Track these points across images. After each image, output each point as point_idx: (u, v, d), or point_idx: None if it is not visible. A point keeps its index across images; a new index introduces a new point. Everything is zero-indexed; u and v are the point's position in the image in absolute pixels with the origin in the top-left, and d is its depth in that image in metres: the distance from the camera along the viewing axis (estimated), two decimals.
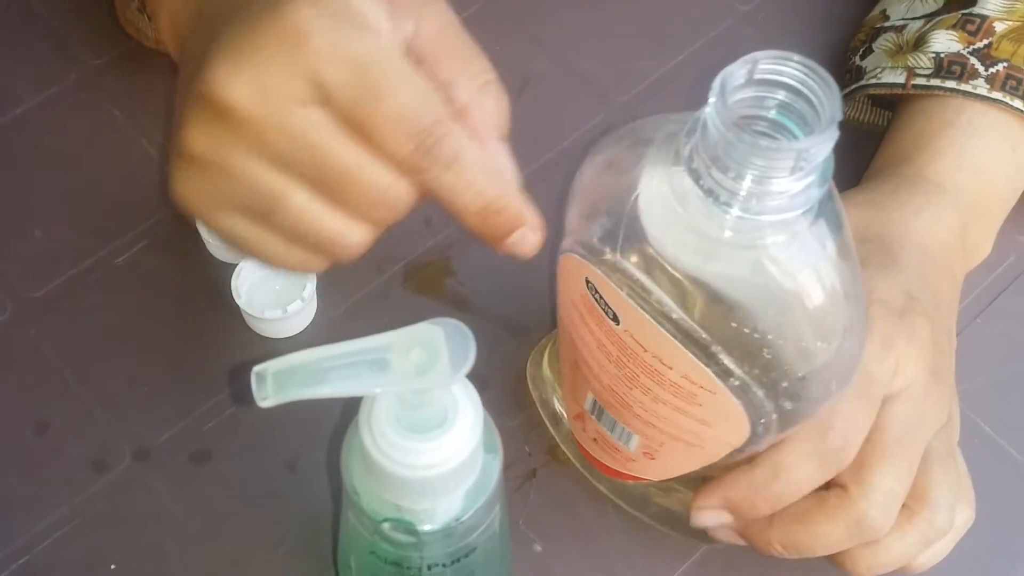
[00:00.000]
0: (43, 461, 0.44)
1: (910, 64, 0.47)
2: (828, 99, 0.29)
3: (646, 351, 0.34)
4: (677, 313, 0.33)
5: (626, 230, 0.34)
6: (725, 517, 0.39)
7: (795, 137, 0.30)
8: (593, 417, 0.40)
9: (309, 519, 0.43)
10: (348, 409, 0.33)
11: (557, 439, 0.45)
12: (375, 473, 0.32)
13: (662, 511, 0.43)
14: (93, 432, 0.44)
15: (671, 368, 0.34)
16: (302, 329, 0.47)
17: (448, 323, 0.30)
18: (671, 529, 0.43)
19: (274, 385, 0.29)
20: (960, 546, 0.40)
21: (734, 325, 0.33)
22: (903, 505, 0.38)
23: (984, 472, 0.41)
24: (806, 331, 0.33)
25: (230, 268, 0.46)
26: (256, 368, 0.29)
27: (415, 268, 0.48)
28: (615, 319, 0.35)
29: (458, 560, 0.35)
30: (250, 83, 0.31)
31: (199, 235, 0.47)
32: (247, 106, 0.31)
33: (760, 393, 0.34)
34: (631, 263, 0.33)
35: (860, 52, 0.50)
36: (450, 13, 0.35)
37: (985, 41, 0.46)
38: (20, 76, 0.52)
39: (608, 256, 0.34)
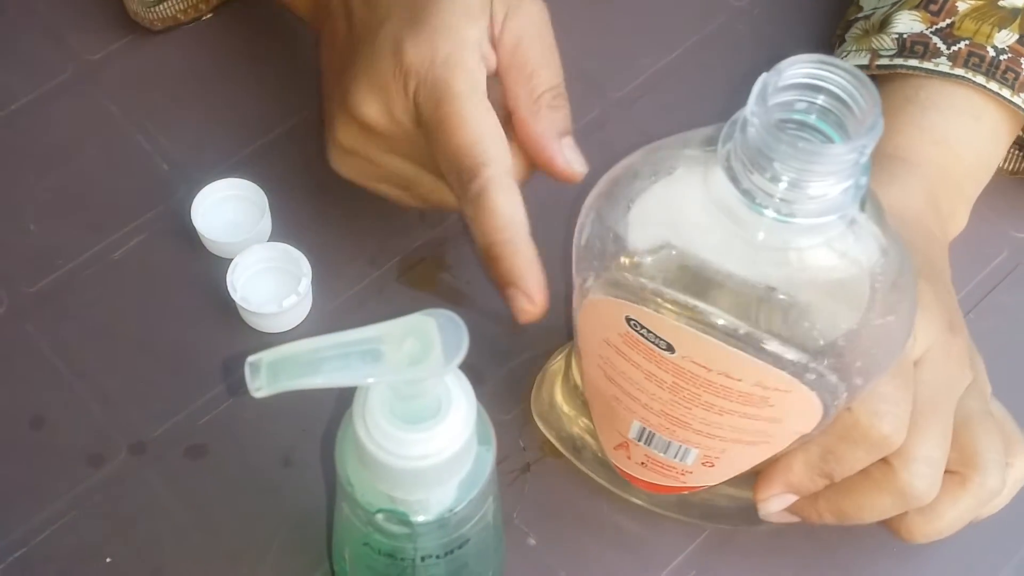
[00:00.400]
0: (39, 455, 0.44)
1: (874, 46, 0.47)
2: (868, 103, 0.29)
3: (711, 371, 0.34)
4: (745, 328, 0.33)
5: (669, 259, 0.33)
6: (791, 499, 0.39)
7: (829, 140, 0.30)
8: (641, 443, 0.39)
9: (304, 513, 0.43)
10: (341, 402, 0.33)
11: (581, 467, 0.44)
12: (369, 464, 0.32)
13: (705, 509, 0.43)
14: (89, 426, 0.44)
15: (740, 380, 0.34)
16: (297, 324, 0.47)
17: (441, 314, 0.30)
18: (717, 523, 0.43)
19: (268, 375, 0.29)
20: (950, 541, 0.41)
21: (806, 325, 0.33)
22: (954, 472, 0.38)
23: None
24: (877, 309, 0.33)
25: (225, 263, 0.46)
26: (250, 358, 0.29)
27: (410, 263, 0.49)
28: (668, 348, 0.34)
29: (451, 552, 0.35)
30: (378, 106, 0.40)
31: (195, 230, 0.47)
32: (378, 122, 0.41)
33: (834, 378, 0.34)
34: (684, 291, 0.33)
35: (836, 46, 0.51)
36: (540, 13, 0.42)
37: (948, 21, 0.46)
38: (16, 71, 0.52)
39: (655, 290, 0.33)
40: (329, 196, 0.49)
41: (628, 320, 0.35)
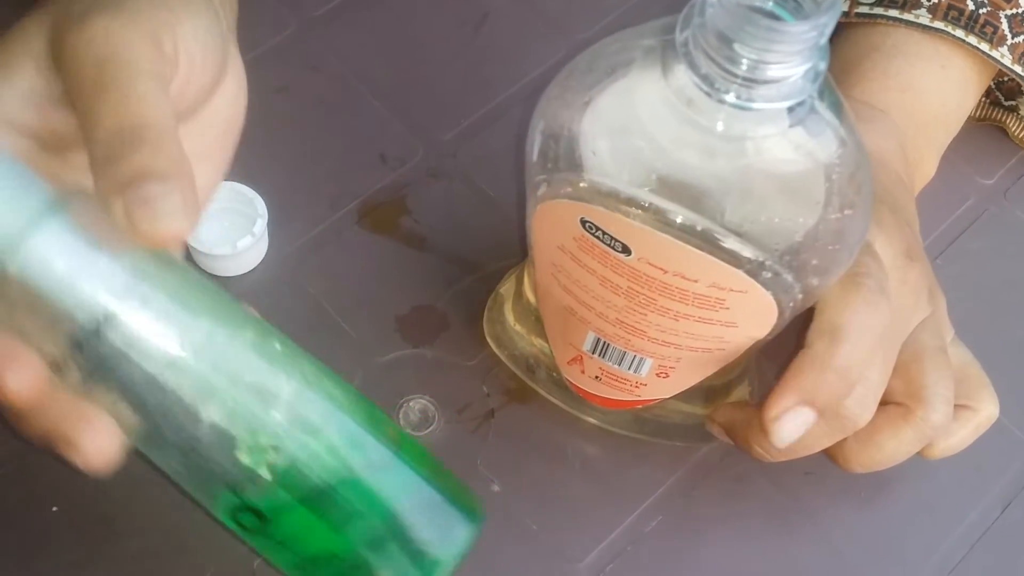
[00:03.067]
0: None
1: None
2: None
3: (666, 272, 0.34)
4: (703, 224, 0.32)
5: (626, 155, 0.33)
6: (811, 415, 0.36)
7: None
8: (596, 356, 0.39)
9: None
10: None
11: (535, 387, 0.43)
12: None
13: (657, 427, 0.43)
14: None
15: (696, 281, 0.34)
16: (253, 267, 0.45)
17: None
18: (671, 440, 0.43)
19: None
20: (915, 485, 0.40)
21: (763, 220, 0.32)
22: (898, 404, 0.38)
23: None
24: (834, 204, 0.33)
25: None
26: None
27: (370, 206, 0.47)
28: (624, 251, 0.34)
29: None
30: None
31: None
32: None
33: (789, 277, 0.33)
34: (640, 188, 0.32)
35: None
36: None
37: None
38: None
39: (611, 189, 0.33)
40: (286, 135, 0.47)
41: (583, 222, 0.34)
